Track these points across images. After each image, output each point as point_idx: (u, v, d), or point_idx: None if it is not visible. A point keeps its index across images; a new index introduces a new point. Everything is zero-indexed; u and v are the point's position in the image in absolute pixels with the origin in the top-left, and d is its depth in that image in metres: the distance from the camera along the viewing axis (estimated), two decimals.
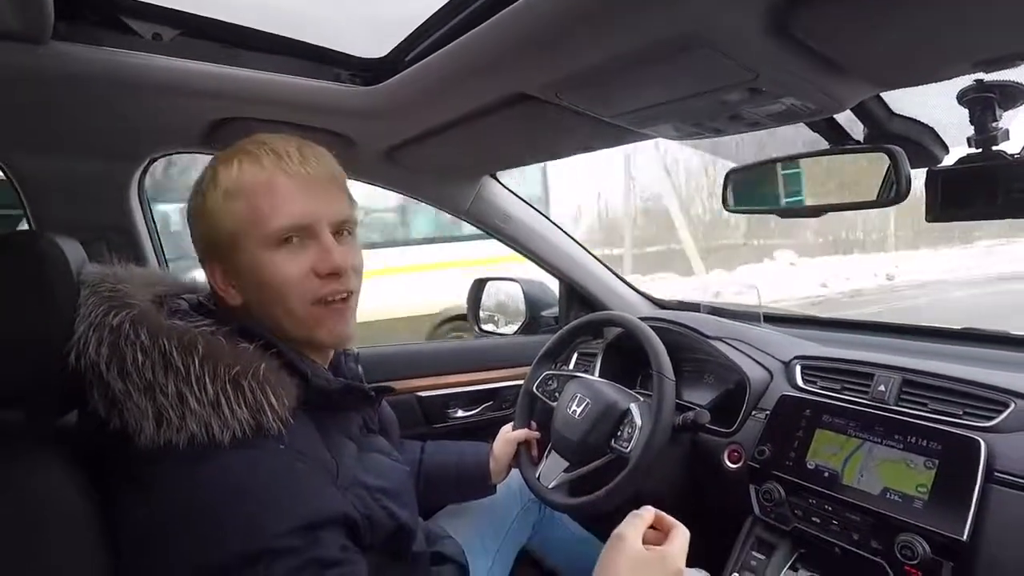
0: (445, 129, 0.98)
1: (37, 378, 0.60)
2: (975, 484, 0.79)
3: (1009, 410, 0.85)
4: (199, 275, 0.75)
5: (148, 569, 0.53)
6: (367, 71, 0.93)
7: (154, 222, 1.23)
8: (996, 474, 0.79)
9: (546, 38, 0.65)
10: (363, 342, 1.01)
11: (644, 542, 0.67)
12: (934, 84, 0.68)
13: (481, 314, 1.82)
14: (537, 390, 1.24)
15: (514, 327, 1.80)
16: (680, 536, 0.69)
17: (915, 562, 0.79)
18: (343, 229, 0.68)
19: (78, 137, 1.01)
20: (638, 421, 1.05)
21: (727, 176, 1.00)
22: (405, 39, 0.84)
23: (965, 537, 0.76)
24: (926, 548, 0.78)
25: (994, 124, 0.67)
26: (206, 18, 0.83)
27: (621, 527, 0.68)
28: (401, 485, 0.74)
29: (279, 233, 0.63)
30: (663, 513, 0.71)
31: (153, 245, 1.22)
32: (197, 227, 0.67)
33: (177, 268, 1.14)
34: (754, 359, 1.20)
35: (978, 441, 0.82)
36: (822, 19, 0.56)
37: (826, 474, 0.93)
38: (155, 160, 1.14)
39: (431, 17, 0.80)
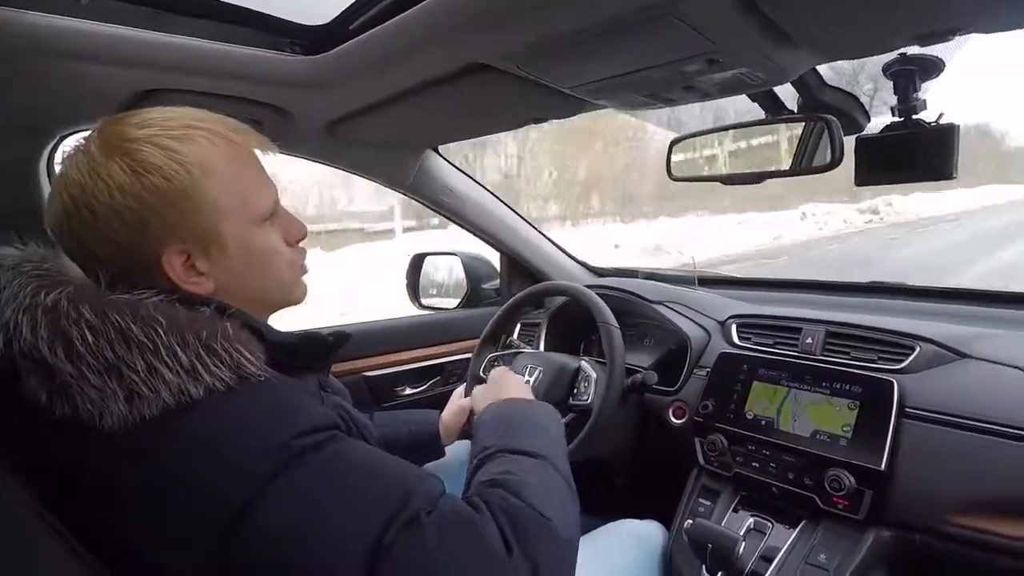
0: (393, 100, 0.94)
1: None
2: (890, 420, 0.89)
3: (915, 353, 0.97)
4: None
5: (170, 519, 0.49)
6: (309, 39, 0.86)
7: None
8: (907, 410, 0.91)
9: (511, 6, 0.63)
10: None
11: None
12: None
13: (421, 290, 1.79)
14: (484, 374, 1.23)
15: (455, 301, 1.79)
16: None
17: (842, 493, 0.89)
18: None
19: None
20: (592, 374, 1.09)
21: (671, 145, 1.04)
22: (352, 4, 0.77)
23: (883, 467, 0.87)
24: (851, 480, 0.88)
25: (915, 95, 0.74)
26: None
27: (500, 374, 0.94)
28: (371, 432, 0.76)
29: (270, 208, 0.63)
30: None
31: None
32: (158, 215, 0.55)
33: None
34: (693, 320, 1.28)
35: (891, 382, 0.92)
36: None
37: (763, 422, 1.01)
38: (66, 137, 1.00)
39: None
